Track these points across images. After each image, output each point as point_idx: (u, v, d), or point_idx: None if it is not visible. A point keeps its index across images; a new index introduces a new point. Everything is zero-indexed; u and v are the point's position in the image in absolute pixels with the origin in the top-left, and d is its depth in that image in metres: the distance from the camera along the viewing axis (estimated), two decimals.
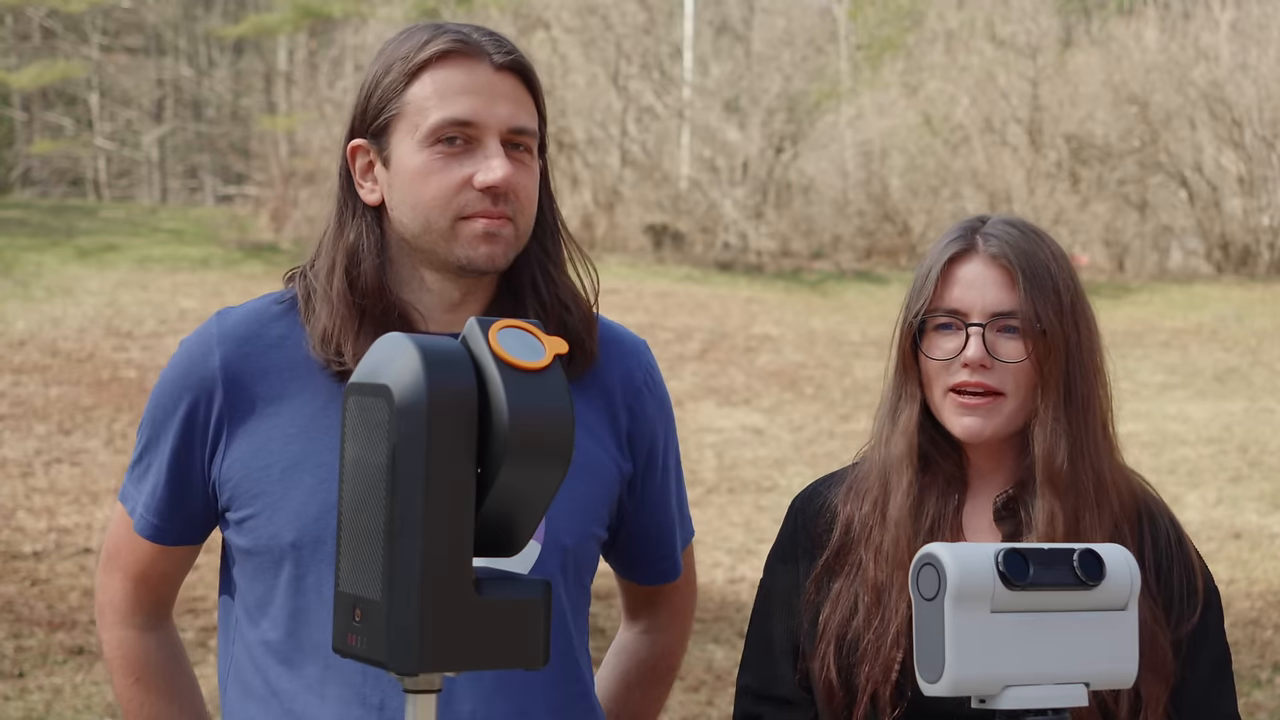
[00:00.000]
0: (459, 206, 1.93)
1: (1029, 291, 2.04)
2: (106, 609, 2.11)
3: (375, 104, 1.97)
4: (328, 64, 27.77)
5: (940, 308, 2.07)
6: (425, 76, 1.94)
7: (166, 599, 2.13)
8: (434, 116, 1.92)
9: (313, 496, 1.94)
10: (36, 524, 9.01)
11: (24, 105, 34.51)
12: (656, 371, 2.16)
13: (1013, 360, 2.04)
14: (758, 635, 2.19)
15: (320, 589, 1.94)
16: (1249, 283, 21.95)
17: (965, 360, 2.04)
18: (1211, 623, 2.09)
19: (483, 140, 1.93)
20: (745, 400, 14.05)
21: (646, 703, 2.28)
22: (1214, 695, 2.07)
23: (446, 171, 1.93)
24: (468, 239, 1.93)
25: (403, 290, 1.99)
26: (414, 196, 1.94)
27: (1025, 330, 2.04)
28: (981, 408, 2.04)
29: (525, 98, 1.97)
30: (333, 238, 2.00)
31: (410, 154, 1.94)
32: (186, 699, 2.13)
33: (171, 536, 2.06)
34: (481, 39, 1.97)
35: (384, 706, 1.92)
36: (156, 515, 2.05)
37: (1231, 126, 23.86)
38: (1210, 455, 12.03)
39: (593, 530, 2.06)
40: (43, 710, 6.14)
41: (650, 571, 2.22)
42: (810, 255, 24.96)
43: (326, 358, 1.95)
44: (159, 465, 2.03)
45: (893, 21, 30.08)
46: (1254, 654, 7.30)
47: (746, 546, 9.33)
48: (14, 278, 17.80)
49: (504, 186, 1.92)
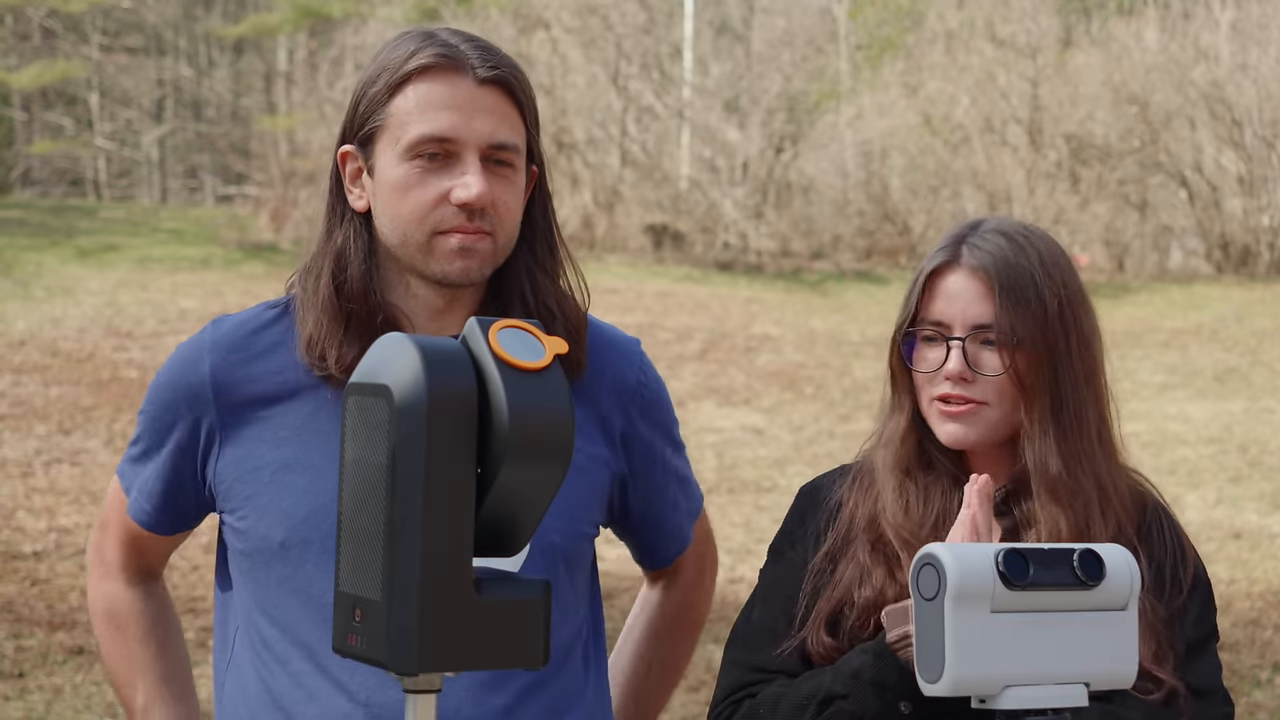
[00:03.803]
0: (435, 221, 1.95)
1: (1005, 304, 2.05)
2: (96, 564, 2.17)
3: (362, 113, 2.00)
4: (328, 64, 27.77)
5: (925, 320, 2.10)
6: (408, 89, 1.96)
7: (157, 564, 2.19)
8: (413, 131, 1.94)
9: (303, 498, 1.97)
10: (36, 524, 9.01)
11: (24, 105, 34.52)
12: (651, 369, 2.18)
13: (993, 373, 2.06)
14: (757, 614, 2.19)
15: (310, 588, 1.97)
16: (1249, 283, 21.95)
17: (946, 374, 2.06)
18: (1199, 601, 2.10)
19: (461, 156, 1.95)
20: (745, 400, 14.05)
21: (676, 653, 2.36)
22: (1197, 666, 2.07)
23: (424, 186, 1.95)
24: (444, 254, 1.96)
25: (390, 295, 2.01)
26: (393, 209, 1.97)
27: (1002, 343, 2.05)
28: (964, 415, 2.07)
29: (509, 112, 1.98)
30: (321, 242, 2.03)
31: (391, 166, 1.96)
32: (169, 647, 2.17)
33: (165, 527, 2.13)
34: (468, 52, 1.97)
35: (370, 702, 1.95)
36: (151, 506, 2.10)
37: (1231, 126, 23.85)
38: (1210, 455, 12.03)
39: (583, 529, 2.07)
40: (43, 710, 6.14)
41: (658, 557, 2.28)
42: (810, 255, 24.97)
43: (312, 361, 1.98)
44: (155, 463, 2.07)
45: (893, 21, 30.08)
46: (1254, 654, 7.30)
47: (746, 546, 9.32)
48: (14, 278, 17.81)
49: (479, 203, 1.93)
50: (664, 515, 2.21)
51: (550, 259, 2.06)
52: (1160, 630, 2.03)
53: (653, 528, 2.22)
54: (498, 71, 1.97)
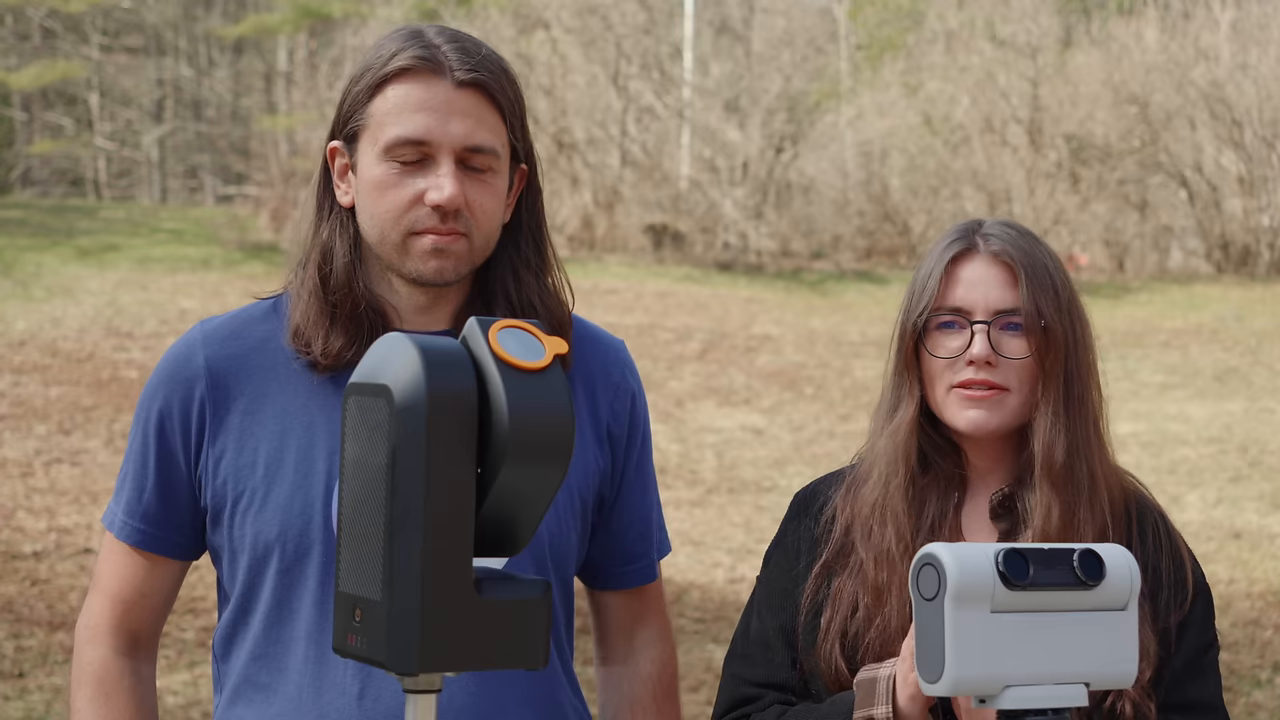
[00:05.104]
0: (410, 222, 1.97)
1: (1031, 288, 2.07)
2: (83, 630, 2.09)
3: (346, 111, 2.02)
4: (328, 64, 27.76)
5: (944, 307, 2.10)
6: (388, 90, 1.98)
7: (146, 628, 2.10)
8: (390, 133, 1.96)
9: (295, 493, 1.98)
10: (36, 524, 9.01)
11: (24, 105, 34.53)
12: (634, 370, 2.20)
13: (1017, 357, 2.07)
14: (754, 626, 2.19)
15: (306, 582, 1.98)
16: (1249, 283, 21.96)
17: (971, 357, 2.06)
18: (1199, 612, 2.11)
19: (436, 158, 1.96)
20: (745, 400, 14.05)
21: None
22: (1198, 682, 2.08)
23: (400, 187, 1.97)
24: (418, 254, 1.98)
25: (377, 288, 2.04)
26: (372, 207, 1.99)
27: (1029, 327, 2.07)
28: (986, 400, 2.07)
29: (487, 114, 1.99)
30: (310, 236, 2.06)
31: (370, 166, 1.99)
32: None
33: (155, 543, 2.06)
34: (448, 53, 1.98)
35: (363, 695, 1.96)
36: (140, 519, 2.06)
37: (1231, 126, 23.86)
38: (1210, 455, 12.02)
39: (570, 521, 2.08)
40: (43, 710, 6.15)
41: (628, 572, 2.20)
42: (810, 255, 24.98)
43: (298, 348, 2.01)
44: (145, 468, 2.05)
45: (893, 21, 30.10)
46: (1254, 654, 7.30)
47: (746, 546, 9.33)
48: (14, 278, 17.81)
49: (451, 205, 1.95)
50: (642, 514, 2.19)
51: (536, 257, 2.07)
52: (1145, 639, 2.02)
53: (629, 529, 2.18)
54: (476, 74, 1.98)
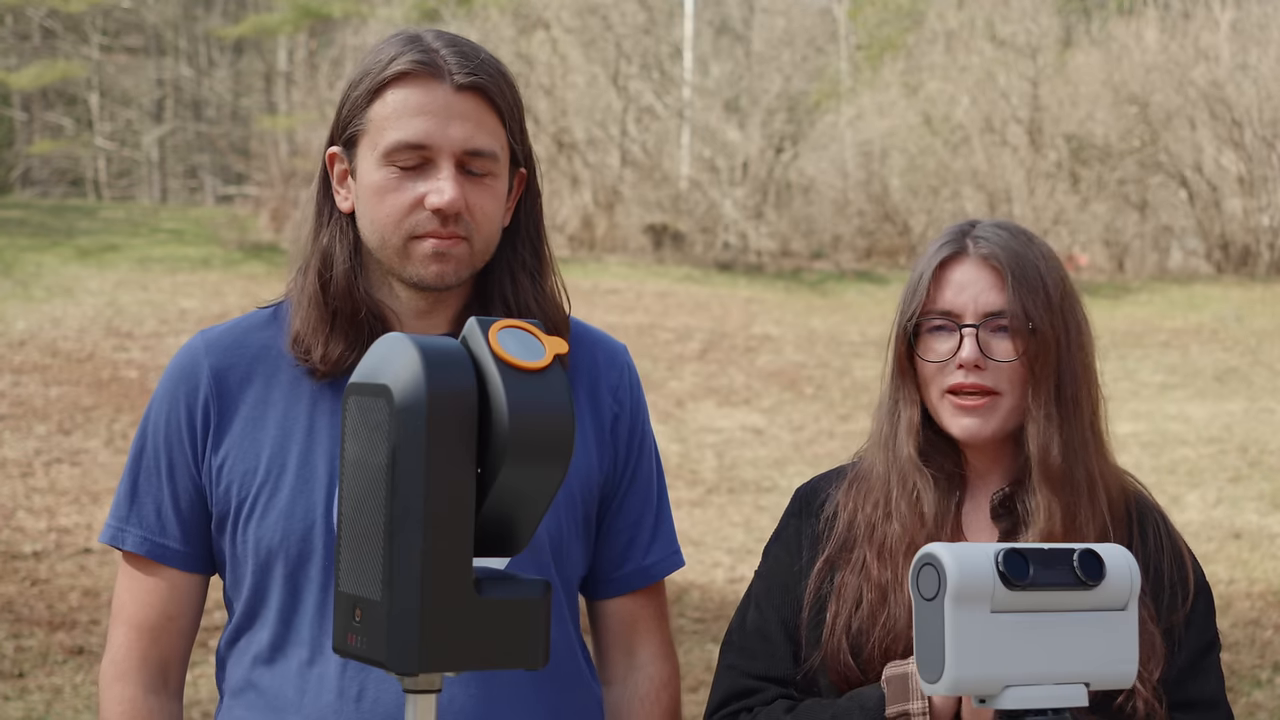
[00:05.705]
0: (411, 226, 1.97)
1: (1018, 291, 2.07)
2: (109, 668, 2.06)
3: (345, 116, 2.02)
4: (328, 64, 27.76)
5: (934, 310, 2.10)
6: (387, 95, 1.98)
7: (176, 655, 2.08)
8: (390, 137, 1.96)
9: (297, 499, 1.99)
10: (36, 524, 9.01)
11: (24, 105, 34.52)
12: (635, 374, 2.20)
13: (1006, 359, 2.07)
14: (752, 618, 2.18)
15: (309, 586, 1.99)
16: (1249, 283, 21.95)
17: (960, 361, 2.07)
18: (1200, 611, 2.11)
19: (436, 162, 1.96)
20: (745, 400, 14.05)
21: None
22: (1200, 680, 2.09)
23: (400, 191, 1.97)
24: (419, 258, 1.98)
25: (377, 293, 2.04)
26: (372, 212, 1.99)
27: (1017, 329, 2.07)
28: (979, 409, 2.07)
29: (487, 118, 1.99)
30: (310, 241, 2.06)
31: (370, 170, 1.99)
32: None
33: (178, 558, 2.05)
34: (447, 57, 1.98)
35: (361, 697, 1.97)
36: (160, 534, 2.05)
37: (1231, 126, 23.85)
38: (1210, 455, 12.02)
39: (571, 523, 2.07)
40: (43, 710, 6.14)
41: (621, 577, 2.16)
42: (810, 255, 24.98)
43: (298, 355, 2.01)
44: (159, 480, 2.05)
45: (893, 21, 30.09)
46: (1254, 654, 7.30)
47: (746, 546, 9.32)
48: (14, 278, 17.81)
49: (451, 209, 1.95)
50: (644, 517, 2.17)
51: (534, 260, 2.08)
52: (1151, 638, 2.03)
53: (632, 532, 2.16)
54: (475, 78, 1.98)
